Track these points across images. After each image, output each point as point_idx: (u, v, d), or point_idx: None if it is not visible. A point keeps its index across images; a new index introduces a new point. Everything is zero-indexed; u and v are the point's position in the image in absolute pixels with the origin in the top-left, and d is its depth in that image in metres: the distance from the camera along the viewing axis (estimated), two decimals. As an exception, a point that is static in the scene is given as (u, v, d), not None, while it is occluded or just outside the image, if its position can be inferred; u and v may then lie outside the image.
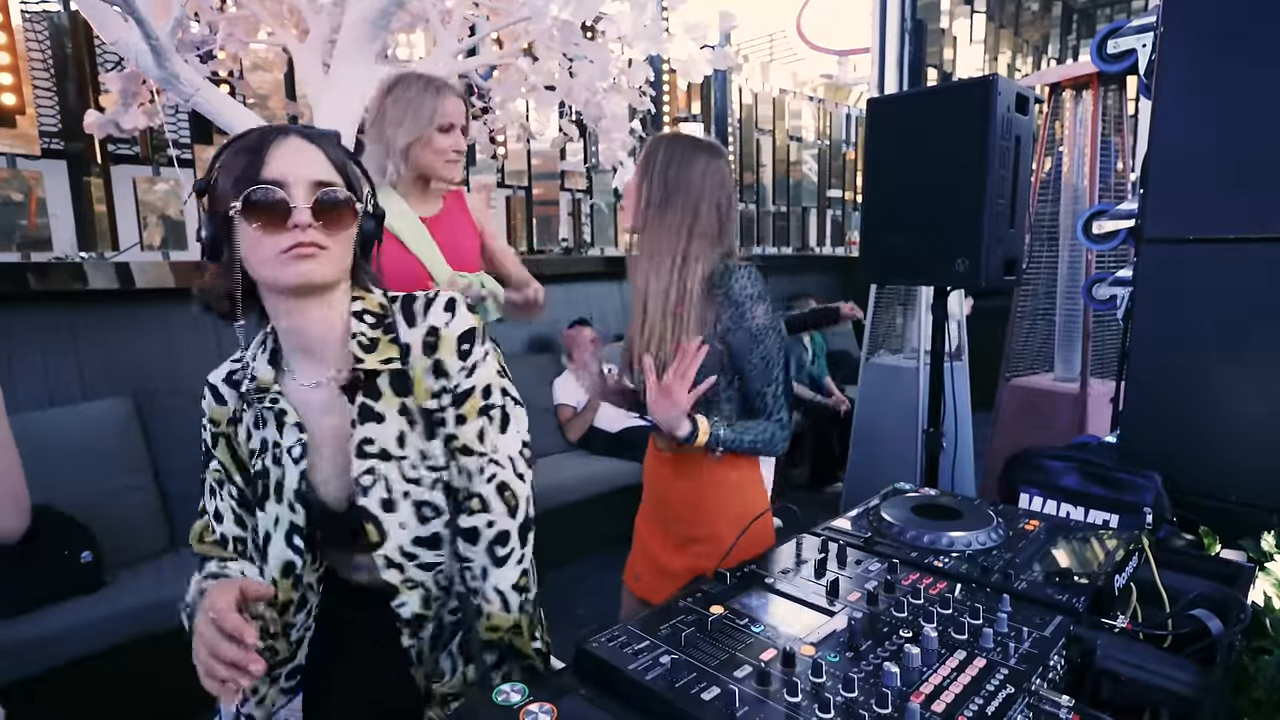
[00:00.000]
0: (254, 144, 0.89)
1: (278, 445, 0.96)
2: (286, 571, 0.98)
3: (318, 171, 0.90)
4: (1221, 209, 1.55)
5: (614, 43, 2.58)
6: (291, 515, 0.97)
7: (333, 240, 0.90)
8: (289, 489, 0.96)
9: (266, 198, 0.86)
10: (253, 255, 0.89)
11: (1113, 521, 1.51)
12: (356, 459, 0.94)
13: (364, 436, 0.95)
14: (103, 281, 2.81)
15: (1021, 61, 10.36)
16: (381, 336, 0.96)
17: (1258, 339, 1.52)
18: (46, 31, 2.80)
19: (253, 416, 0.98)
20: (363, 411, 0.95)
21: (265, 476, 0.97)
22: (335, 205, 0.90)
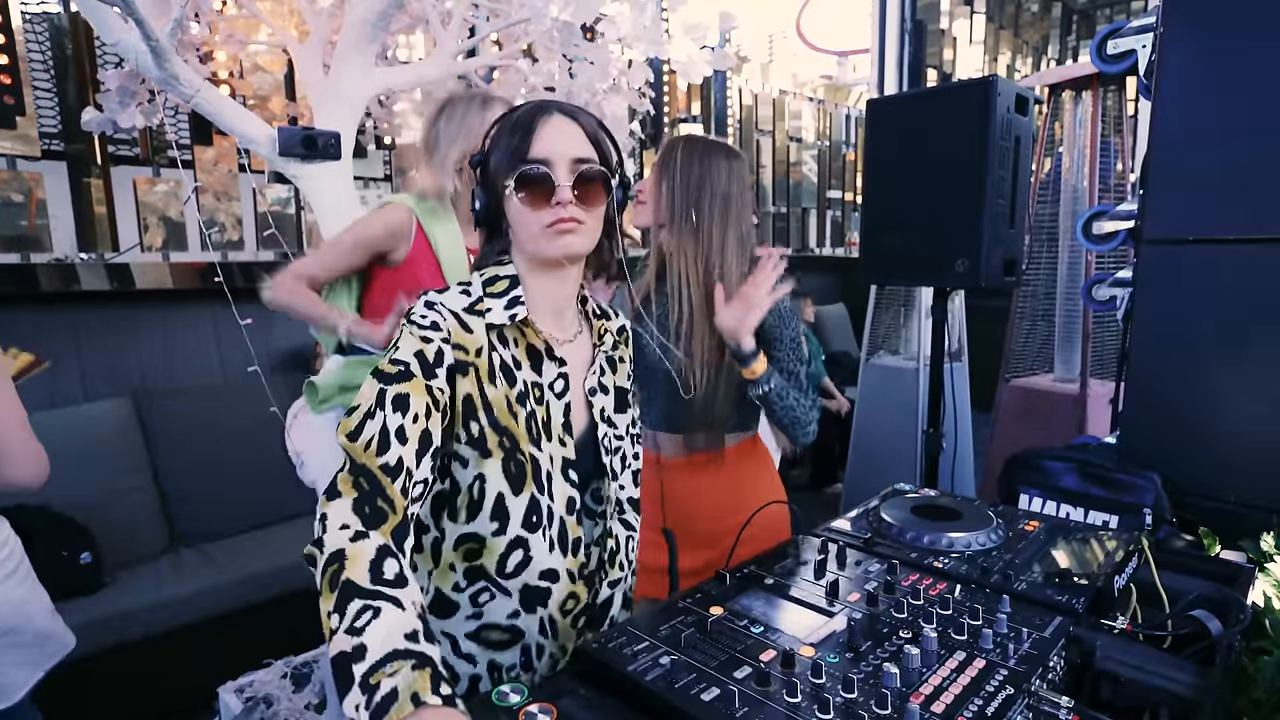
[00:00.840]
0: (525, 122, 0.95)
1: (538, 385, 0.98)
2: (570, 508, 0.99)
3: (577, 148, 0.96)
4: (1221, 209, 1.55)
5: (614, 44, 2.58)
6: (563, 450, 0.99)
7: (590, 214, 0.96)
8: (556, 424, 0.99)
9: (534, 175, 0.93)
10: (522, 230, 0.96)
11: (1112, 522, 1.51)
12: (601, 423, 1.05)
13: (603, 405, 1.06)
14: (103, 282, 2.81)
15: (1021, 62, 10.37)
16: (605, 321, 1.10)
17: (1257, 339, 1.52)
18: (46, 33, 2.80)
19: (508, 356, 0.97)
20: (600, 383, 1.06)
21: (533, 419, 0.97)
22: (592, 180, 0.96)
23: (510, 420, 0.95)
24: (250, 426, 2.88)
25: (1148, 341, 1.70)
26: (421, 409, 0.85)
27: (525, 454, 0.95)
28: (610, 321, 1.11)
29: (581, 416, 1.04)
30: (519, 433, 0.95)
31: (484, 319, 0.96)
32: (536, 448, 0.96)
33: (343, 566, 0.70)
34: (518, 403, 0.96)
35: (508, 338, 0.98)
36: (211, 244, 3.17)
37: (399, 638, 0.65)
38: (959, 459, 2.91)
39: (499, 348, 0.96)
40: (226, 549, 2.65)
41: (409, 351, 0.89)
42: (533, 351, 0.99)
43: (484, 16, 2.54)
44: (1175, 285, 1.64)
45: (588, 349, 1.07)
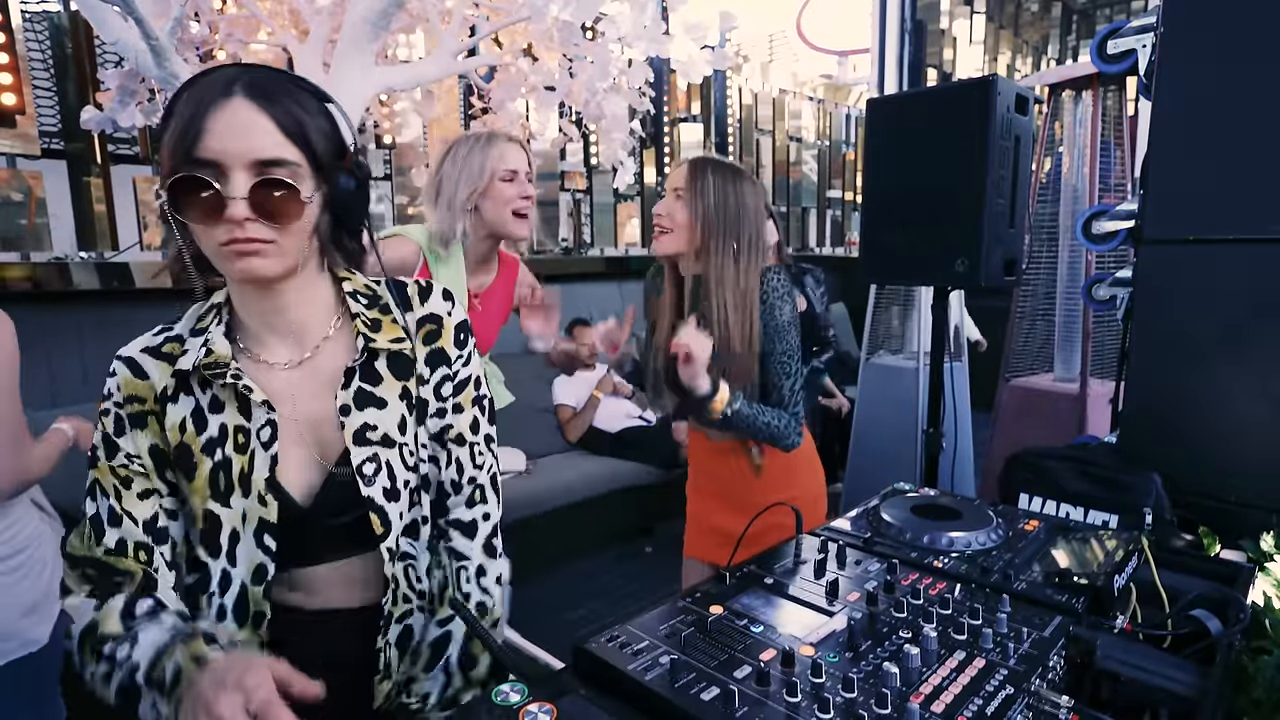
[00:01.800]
0: (195, 104, 0.75)
1: (242, 430, 0.84)
2: (258, 578, 0.85)
3: (263, 147, 0.75)
4: (1221, 209, 1.55)
5: (614, 43, 2.58)
6: (261, 510, 0.84)
7: (283, 232, 0.78)
8: (258, 479, 0.84)
9: (194, 183, 0.74)
10: (199, 241, 0.78)
11: (1112, 522, 1.51)
12: (356, 446, 0.87)
13: (364, 422, 0.87)
14: (102, 281, 2.81)
15: (1021, 62, 10.37)
16: (382, 317, 0.91)
17: (1257, 339, 1.52)
18: (46, 32, 2.80)
19: (208, 400, 0.85)
20: (360, 396, 0.88)
21: (227, 468, 0.84)
22: (279, 189, 0.76)
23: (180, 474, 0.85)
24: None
25: (1148, 341, 1.70)
26: (111, 490, 0.85)
27: (196, 511, 0.84)
28: (408, 313, 0.92)
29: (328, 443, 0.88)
30: (191, 487, 0.84)
31: (171, 363, 0.85)
32: (222, 504, 0.84)
33: (97, 633, 0.77)
34: (203, 452, 0.84)
35: (207, 379, 0.84)
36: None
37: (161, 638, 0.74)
38: (959, 459, 2.91)
39: (195, 391, 0.85)
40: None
41: (97, 436, 0.87)
42: (238, 395, 0.85)
43: (484, 15, 2.54)
44: (1175, 285, 1.64)
45: (343, 357, 0.89)
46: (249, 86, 0.76)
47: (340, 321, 0.91)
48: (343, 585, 0.92)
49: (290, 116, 0.77)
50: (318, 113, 0.81)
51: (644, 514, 3.83)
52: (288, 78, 0.80)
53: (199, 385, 0.85)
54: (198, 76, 0.78)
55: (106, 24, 1.88)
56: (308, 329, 0.89)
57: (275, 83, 0.78)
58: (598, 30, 2.63)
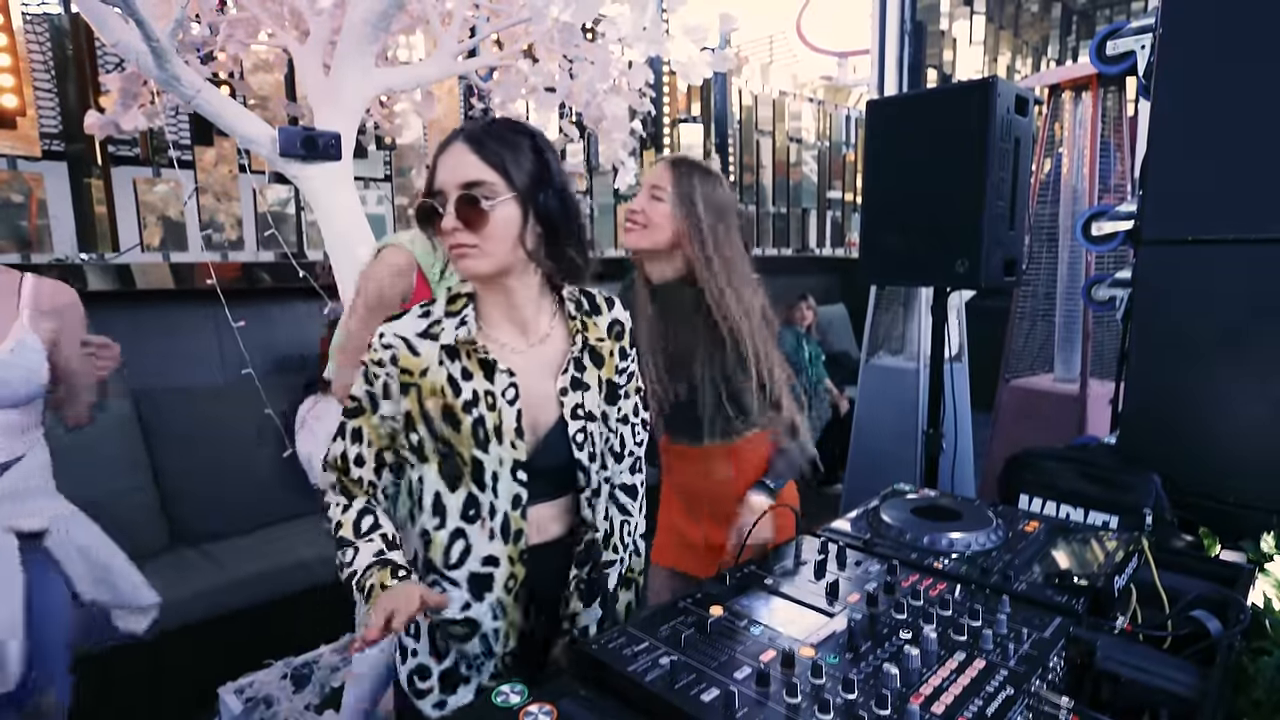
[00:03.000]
0: (437, 153, 1.03)
1: (490, 393, 1.04)
2: (515, 503, 1.06)
3: (464, 174, 1.00)
4: (1220, 210, 1.55)
5: (614, 44, 2.58)
6: (514, 452, 1.05)
7: (481, 236, 1.00)
8: (508, 428, 1.04)
9: (428, 208, 1.02)
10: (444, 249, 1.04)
11: (1112, 523, 1.51)
12: (572, 419, 1.08)
13: (577, 402, 1.10)
14: (103, 283, 2.81)
15: (1021, 63, 10.38)
16: (587, 319, 1.14)
17: (1257, 339, 1.52)
18: (47, 33, 2.80)
19: (458, 369, 1.05)
20: (575, 381, 1.10)
21: (483, 424, 1.04)
22: (472, 204, 0.99)
23: (448, 428, 1.05)
24: (250, 427, 2.88)
25: (1147, 341, 1.70)
26: (373, 437, 1.09)
27: (464, 456, 1.05)
28: (600, 316, 1.17)
29: (544, 415, 1.09)
30: (459, 438, 1.04)
31: (436, 340, 1.05)
32: (482, 450, 1.04)
33: (340, 531, 1.08)
34: (463, 410, 1.04)
35: (459, 352, 1.05)
36: (211, 244, 3.17)
37: (370, 558, 1.03)
38: (959, 459, 2.90)
39: (450, 362, 1.05)
40: (226, 549, 2.64)
41: (361, 389, 1.09)
42: (484, 365, 1.06)
43: (484, 17, 2.54)
44: (1175, 285, 1.64)
45: (559, 350, 1.12)
46: (467, 135, 1.02)
47: (556, 320, 1.13)
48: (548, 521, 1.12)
49: (491, 150, 1.01)
50: (522, 149, 1.03)
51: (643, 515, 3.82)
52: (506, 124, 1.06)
53: (450, 356, 1.06)
54: None
55: (107, 26, 1.88)
56: (532, 323, 1.10)
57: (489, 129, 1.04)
58: (598, 32, 2.63)
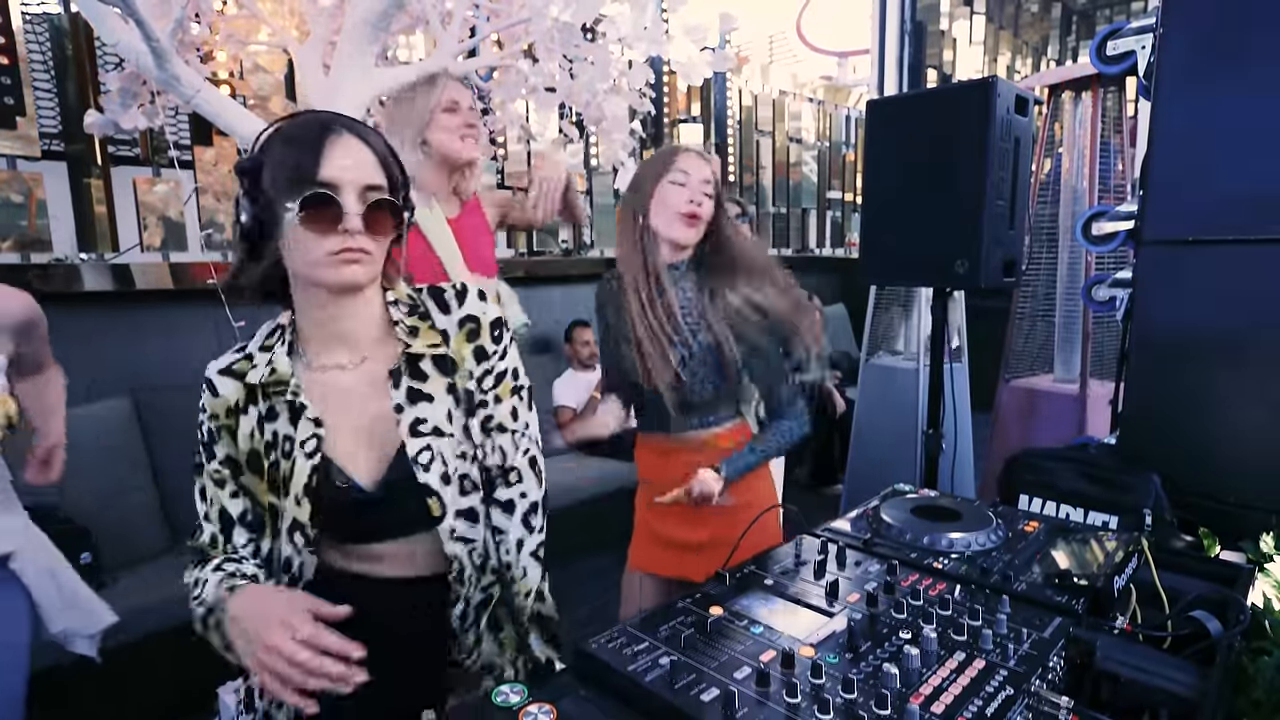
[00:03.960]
0: (310, 139, 0.90)
1: (289, 440, 0.97)
2: (286, 567, 1.00)
3: (368, 174, 0.92)
4: (1221, 210, 1.55)
5: (614, 44, 2.57)
6: (296, 510, 0.97)
7: (377, 244, 0.93)
8: (297, 483, 0.96)
9: (321, 201, 0.88)
10: (299, 254, 0.92)
11: (1112, 523, 1.51)
12: (411, 438, 0.98)
13: (416, 416, 0.99)
14: (103, 283, 2.81)
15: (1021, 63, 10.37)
16: (420, 324, 1.02)
17: (1257, 340, 1.52)
18: (47, 33, 2.80)
19: (265, 409, 0.98)
20: (411, 393, 0.99)
21: (277, 469, 0.97)
22: (382, 209, 0.92)
23: (252, 475, 1.00)
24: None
25: (1147, 341, 1.70)
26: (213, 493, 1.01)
27: (263, 505, 1.00)
28: (448, 314, 1.03)
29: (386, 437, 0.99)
30: (259, 486, 1.00)
31: (241, 379, 0.98)
32: (277, 499, 0.98)
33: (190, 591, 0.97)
34: (265, 454, 0.98)
35: (269, 392, 0.98)
36: (211, 244, 3.17)
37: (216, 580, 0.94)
38: (959, 459, 2.91)
39: (258, 402, 0.98)
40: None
41: (198, 444, 1.02)
42: (290, 407, 0.97)
43: (484, 16, 2.53)
44: (1175, 286, 1.64)
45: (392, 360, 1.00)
46: (350, 127, 0.93)
47: (387, 329, 1.02)
48: (407, 559, 1.04)
49: (381, 149, 0.94)
50: (390, 152, 0.97)
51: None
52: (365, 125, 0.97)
53: (262, 397, 0.98)
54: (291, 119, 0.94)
55: (107, 26, 1.88)
56: (361, 336, 1.00)
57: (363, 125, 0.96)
58: (598, 32, 2.63)
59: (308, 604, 0.85)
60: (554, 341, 4.37)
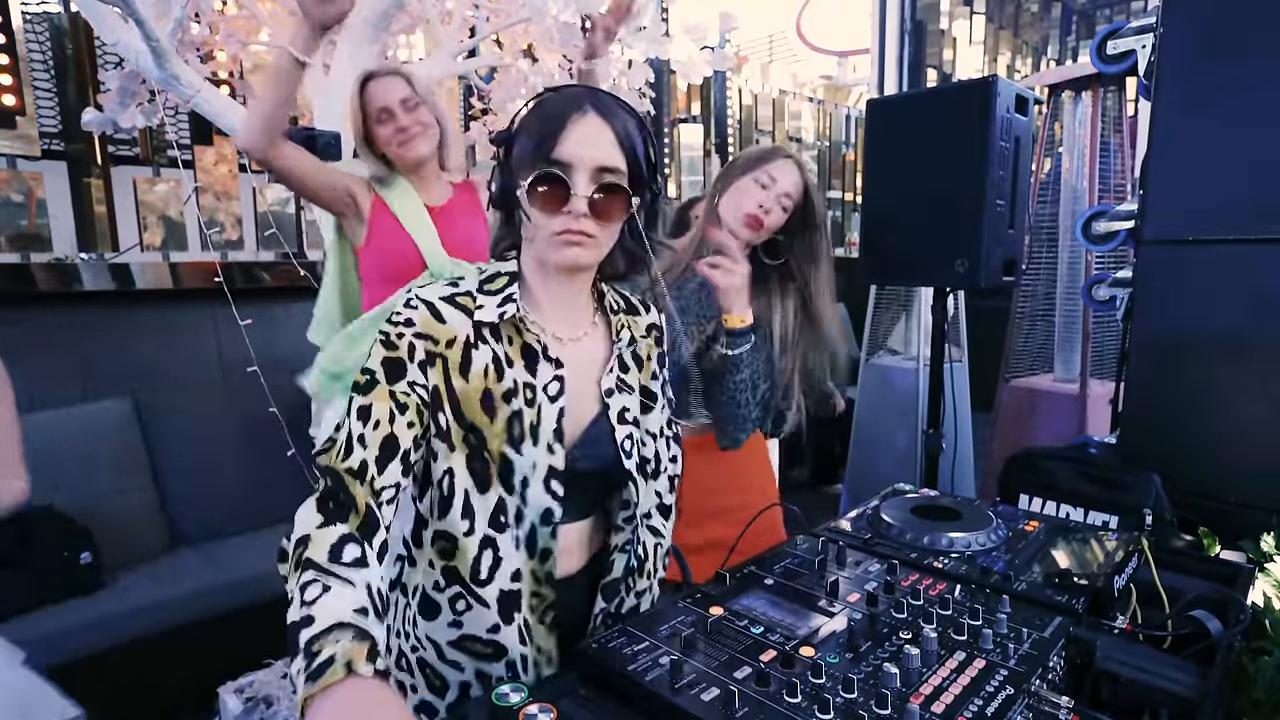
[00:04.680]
0: (556, 115, 0.90)
1: (530, 386, 0.93)
2: (546, 518, 0.93)
3: (605, 155, 0.90)
4: (1221, 210, 1.55)
5: (614, 44, 2.58)
6: (549, 458, 0.92)
7: (604, 229, 0.92)
8: (546, 429, 0.92)
9: (550, 180, 0.88)
10: (528, 229, 0.93)
11: (1112, 522, 1.51)
12: (619, 424, 0.99)
13: (623, 405, 1.00)
14: (103, 282, 2.81)
15: (1021, 62, 10.37)
16: (627, 317, 1.05)
17: (1257, 340, 1.52)
18: (47, 33, 2.80)
19: (491, 354, 0.92)
20: (619, 381, 1.01)
21: (519, 419, 0.92)
22: (614, 193, 0.90)
23: (480, 416, 0.91)
24: (250, 426, 2.88)
25: (1147, 341, 1.70)
26: (384, 415, 0.86)
27: (493, 453, 0.92)
28: (639, 317, 1.07)
29: (585, 418, 0.98)
30: (491, 430, 0.91)
31: (468, 314, 0.92)
32: (515, 450, 0.92)
33: (306, 548, 0.76)
34: (502, 400, 0.92)
35: (501, 334, 0.94)
36: (211, 244, 3.17)
37: (347, 612, 0.69)
38: (959, 459, 2.91)
39: (490, 341, 0.93)
40: (226, 549, 2.65)
41: (376, 359, 0.90)
42: (527, 351, 0.94)
43: (484, 16, 2.54)
44: (1175, 285, 1.64)
45: (602, 346, 1.02)
46: (597, 104, 0.91)
47: (597, 316, 1.04)
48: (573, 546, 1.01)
49: (625, 131, 0.92)
50: (638, 130, 0.94)
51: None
52: (619, 100, 0.95)
53: (493, 337, 0.93)
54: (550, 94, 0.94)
55: (107, 25, 1.88)
56: (578, 315, 1.01)
57: (614, 102, 0.93)
58: (598, 31, 2.63)
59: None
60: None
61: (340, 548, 0.76)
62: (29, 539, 2.20)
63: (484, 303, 0.94)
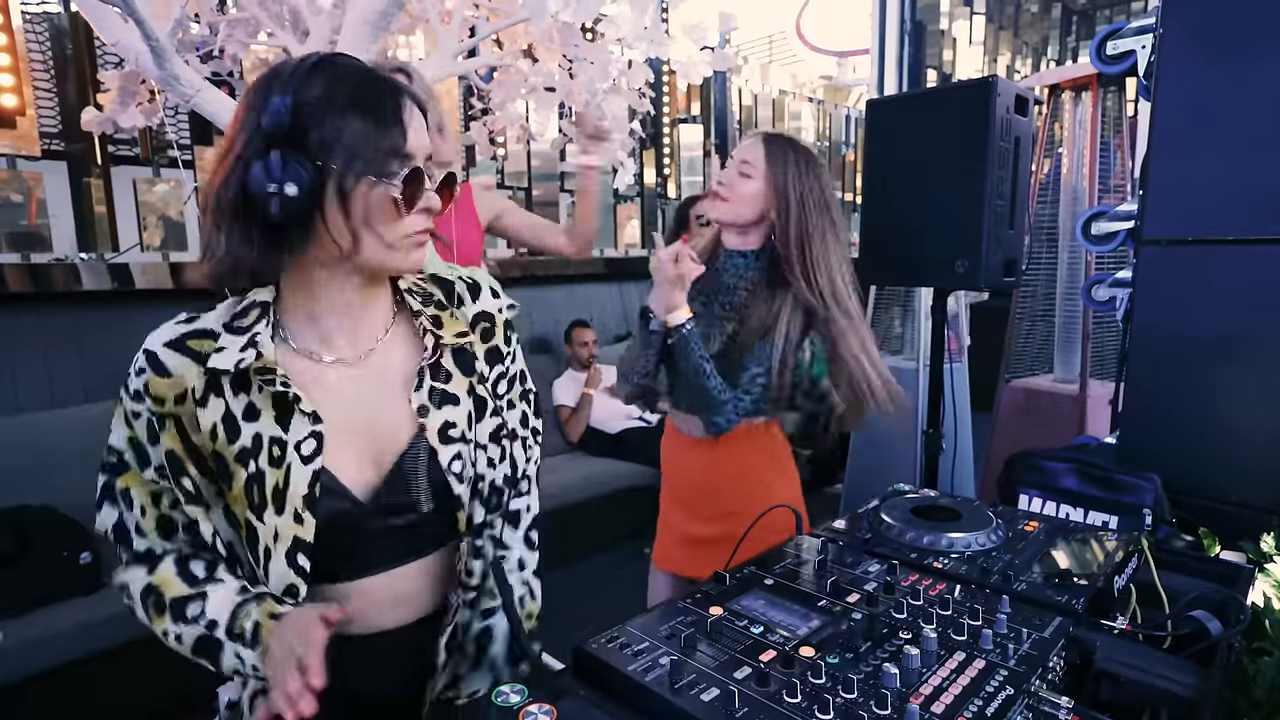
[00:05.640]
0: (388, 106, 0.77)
1: (278, 442, 0.80)
2: (291, 594, 0.81)
3: (431, 145, 0.82)
4: (1221, 210, 1.55)
5: (614, 44, 2.58)
6: (296, 528, 0.80)
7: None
8: (294, 496, 0.80)
9: (417, 178, 0.78)
10: (369, 234, 0.78)
11: (1112, 523, 1.51)
12: (442, 444, 0.86)
13: (445, 420, 0.86)
14: (103, 282, 2.81)
15: (1021, 63, 10.38)
16: (440, 313, 0.90)
17: (1257, 340, 1.52)
18: (47, 33, 2.80)
19: (240, 406, 0.80)
20: (434, 394, 0.87)
21: (260, 481, 0.79)
22: (450, 186, 0.83)
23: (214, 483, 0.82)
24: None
25: (1147, 341, 1.70)
26: (146, 501, 0.84)
27: (238, 517, 0.81)
28: (462, 307, 0.92)
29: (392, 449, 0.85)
30: (230, 494, 0.81)
31: (200, 360, 0.80)
32: (257, 517, 0.79)
33: (160, 594, 0.81)
34: (236, 461, 0.79)
35: (247, 381, 0.80)
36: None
37: (234, 596, 0.79)
38: (959, 459, 2.91)
39: (225, 393, 0.80)
40: (226, 549, 2.65)
41: (121, 437, 0.84)
42: (279, 401, 0.80)
43: (484, 16, 2.54)
44: (1175, 285, 1.64)
45: (408, 359, 0.88)
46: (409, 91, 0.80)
47: (396, 319, 0.90)
48: (389, 602, 0.88)
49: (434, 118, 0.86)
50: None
51: (644, 515, 3.81)
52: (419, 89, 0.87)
53: (232, 388, 0.80)
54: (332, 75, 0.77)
55: (107, 25, 1.88)
56: (374, 327, 0.88)
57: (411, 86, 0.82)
58: (597, 31, 2.63)
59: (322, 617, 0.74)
60: (554, 342, 4.37)
61: (186, 570, 0.82)
62: (29, 539, 2.20)
63: (225, 344, 0.80)
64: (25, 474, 2.37)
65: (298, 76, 0.76)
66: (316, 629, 0.73)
